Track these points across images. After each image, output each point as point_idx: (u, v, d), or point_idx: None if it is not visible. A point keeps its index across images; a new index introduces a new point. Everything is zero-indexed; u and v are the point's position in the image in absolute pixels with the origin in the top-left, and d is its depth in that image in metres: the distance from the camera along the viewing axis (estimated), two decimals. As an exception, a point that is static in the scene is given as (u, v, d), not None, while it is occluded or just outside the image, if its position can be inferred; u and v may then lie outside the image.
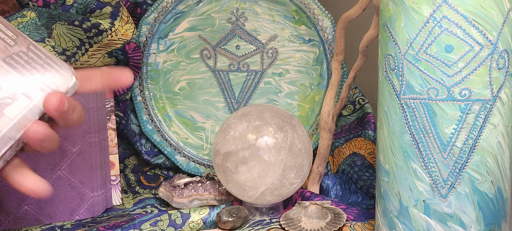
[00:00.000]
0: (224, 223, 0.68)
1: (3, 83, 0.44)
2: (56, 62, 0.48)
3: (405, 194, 0.54)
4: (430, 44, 0.51)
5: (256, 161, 0.68)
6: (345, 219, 0.67)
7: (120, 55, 0.77)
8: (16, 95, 0.45)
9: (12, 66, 0.44)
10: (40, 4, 0.73)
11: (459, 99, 0.51)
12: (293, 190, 0.71)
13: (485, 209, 0.53)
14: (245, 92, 0.86)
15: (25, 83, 0.45)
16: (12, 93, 0.45)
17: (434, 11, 0.50)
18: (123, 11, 0.75)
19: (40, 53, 0.46)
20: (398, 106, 0.54)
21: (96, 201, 0.73)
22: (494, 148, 0.52)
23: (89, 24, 0.71)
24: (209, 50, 0.85)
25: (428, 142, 0.52)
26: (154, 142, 0.85)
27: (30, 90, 0.45)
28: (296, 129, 0.70)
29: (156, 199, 0.80)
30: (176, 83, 0.85)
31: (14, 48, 0.44)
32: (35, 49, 0.45)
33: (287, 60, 0.85)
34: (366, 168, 0.80)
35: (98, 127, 0.73)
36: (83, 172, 0.72)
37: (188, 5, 0.83)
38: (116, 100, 0.82)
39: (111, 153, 0.77)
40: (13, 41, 0.44)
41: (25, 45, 0.44)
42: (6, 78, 0.44)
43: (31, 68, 0.45)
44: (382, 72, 0.56)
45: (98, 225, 0.67)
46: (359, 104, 0.87)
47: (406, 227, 0.55)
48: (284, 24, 0.85)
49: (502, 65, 0.51)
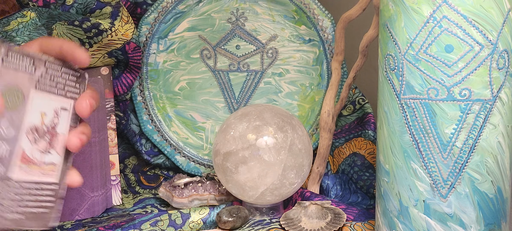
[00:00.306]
0: (224, 223, 0.68)
1: (46, 108, 0.47)
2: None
3: (405, 194, 0.54)
4: (430, 44, 0.51)
5: (256, 161, 0.68)
6: (345, 219, 0.67)
7: (120, 55, 0.77)
8: (58, 113, 0.48)
9: (44, 90, 0.47)
10: (40, 4, 0.73)
11: (459, 99, 0.51)
12: (293, 190, 0.71)
13: (485, 209, 0.53)
14: (245, 92, 0.86)
15: (59, 99, 0.48)
16: (55, 112, 0.48)
17: (434, 11, 0.50)
18: (123, 11, 0.75)
19: (54, 63, 0.48)
20: (398, 106, 0.54)
21: (96, 201, 0.73)
22: (494, 148, 0.52)
23: (89, 24, 0.71)
24: (209, 50, 0.85)
25: (428, 142, 0.52)
26: (154, 142, 0.85)
27: (64, 103, 0.49)
28: (296, 129, 0.70)
29: (156, 199, 0.80)
30: (176, 83, 0.85)
31: (36, 73, 0.46)
32: (50, 62, 0.48)
33: (287, 60, 0.85)
34: (366, 168, 0.80)
35: (98, 127, 0.73)
36: (83, 172, 0.72)
37: (188, 5, 0.83)
38: (116, 100, 0.82)
39: (111, 153, 0.77)
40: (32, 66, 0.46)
41: (42, 64, 0.47)
42: (46, 103, 0.47)
43: (56, 82, 0.48)
44: (382, 72, 0.56)
45: (98, 225, 0.67)
46: (359, 104, 0.87)
47: (406, 227, 0.55)
48: (284, 24, 0.85)
49: (502, 65, 0.51)
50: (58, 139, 0.48)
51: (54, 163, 0.48)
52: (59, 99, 0.48)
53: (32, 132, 0.46)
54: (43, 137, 0.47)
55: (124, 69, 0.80)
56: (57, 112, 0.48)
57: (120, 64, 0.79)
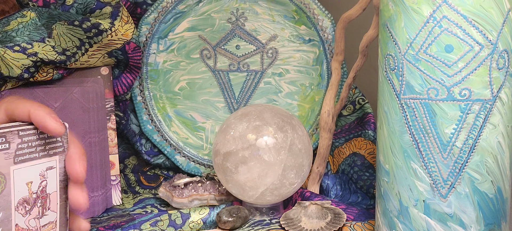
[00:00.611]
0: (224, 223, 0.68)
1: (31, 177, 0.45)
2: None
3: (405, 194, 0.54)
4: (430, 44, 0.51)
5: (256, 161, 0.68)
6: (345, 219, 0.67)
7: (120, 55, 0.77)
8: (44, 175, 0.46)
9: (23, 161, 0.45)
10: (40, 4, 0.73)
11: (459, 99, 0.51)
12: (293, 190, 0.71)
13: (485, 209, 0.53)
14: (245, 92, 0.86)
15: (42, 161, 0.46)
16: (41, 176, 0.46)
17: (434, 11, 0.50)
18: (123, 11, 0.75)
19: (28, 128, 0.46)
20: (398, 106, 0.54)
21: (96, 201, 0.73)
22: (494, 148, 0.52)
23: (89, 24, 0.71)
24: (209, 50, 0.85)
25: (428, 142, 0.52)
26: (154, 142, 0.85)
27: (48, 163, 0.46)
28: (296, 129, 0.70)
29: (156, 199, 0.80)
30: (176, 83, 0.85)
31: (11, 147, 0.44)
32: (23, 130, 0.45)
33: (287, 60, 0.85)
34: (366, 168, 0.80)
35: (98, 127, 0.73)
36: (83, 172, 0.71)
37: (188, 5, 0.83)
38: (116, 100, 0.82)
39: (111, 153, 0.77)
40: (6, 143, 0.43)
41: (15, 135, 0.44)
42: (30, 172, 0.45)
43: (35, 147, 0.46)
44: (382, 72, 0.56)
45: (98, 225, 0.67)
46: (359, 104, 0.87)
47: (406, 227, 0.55)
48: (284, 24, 0.85)
49: (502, 65, 0.51)
50: (50, 199, 0.47)
51: (51, 221, 0.47)
52: (43, 161, 0.46)
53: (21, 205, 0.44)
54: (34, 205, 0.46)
55: (124, 69, 0.80)
56: (43, 175, 0.46)
57: (120, 64, 0.79)
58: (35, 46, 0.69)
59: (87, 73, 0.77)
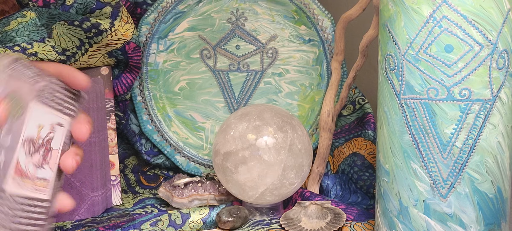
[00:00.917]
0: (224, 223, 0.68)
1: (43, 121, 0.47)
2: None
3: (405, 194, 0.54)
4: (430, 44, 0.51)
5: (256, 161, 0.68)
6: (345, 219, 0.67)
7: (120, 55, 0.77)
8: (54, 127, 0.48)
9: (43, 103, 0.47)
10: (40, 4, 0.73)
11: (459, 99, 0.51)
12: (293, 190, 0.71)
13: (485, 209, 0.53)
14: (245, 92, 0.86)
15: (56, 114, 0.48)
16: (51, 127, 0.48)
17: (434, 11, 0.50)
18: (123, 11, 0.75)
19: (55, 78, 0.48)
20: (398, 106, 0.54)
21: (96, 201, 0.73)
22: (494, 148, 0.52)
23: (89, 24, 0.71)
24: (209, 50, 0.85)
25: (428, 142, 0.52)
26: (154, 142, 0.85)
27: (60, 118, 0.48)
28: (296, 129, 0.70)
29: (156, 199, 0.80)
30: (176, 83, 0.85)
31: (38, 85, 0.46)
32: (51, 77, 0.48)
33: (287, 60, 0.85)
34: (366, 168, 0.80)
35: (98, 127, 0.73)
36: (83, 172, 0.72)
37: (188, 5, 0.83)
38: (116, 100, 0.82)
39: (111, 153, 0.77)
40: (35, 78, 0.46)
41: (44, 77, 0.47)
42: (44, 116, 0.47)
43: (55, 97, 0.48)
44: (382, 72, 0.56)
45: (98, 225, 0.67)
46: (359, 104, 0.87)
47: (406, 227, 0.55)
48: (284, 24, 0.85)
49: (502, 65, 0.51)
50: (51, 154, 0.48)
51: (46, 179, 0.47)
52: (57, 114, 0.48)
53: (28, 143, 0.45)
54: (38, 151, 0.46)
55: (124, 69, 0.80)
56: (53, 127, 0.48)
57: (120, 64, 0.79)
58: (35, 46, 0.69)
59: (87, 73, 0.76)
